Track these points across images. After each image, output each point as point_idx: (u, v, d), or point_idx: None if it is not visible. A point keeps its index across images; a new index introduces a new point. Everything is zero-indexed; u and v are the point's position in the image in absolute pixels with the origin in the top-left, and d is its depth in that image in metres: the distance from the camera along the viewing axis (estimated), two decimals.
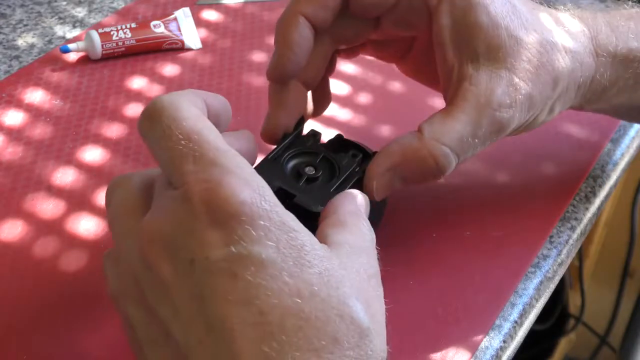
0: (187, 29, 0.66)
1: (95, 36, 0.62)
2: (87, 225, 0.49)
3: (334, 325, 0.31)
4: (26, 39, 0.66)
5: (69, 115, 0.58)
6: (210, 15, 0.69)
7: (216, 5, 0.70)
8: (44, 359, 0.42)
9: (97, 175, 0.53)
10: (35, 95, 0.59)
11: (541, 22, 0.44)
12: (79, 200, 0.51)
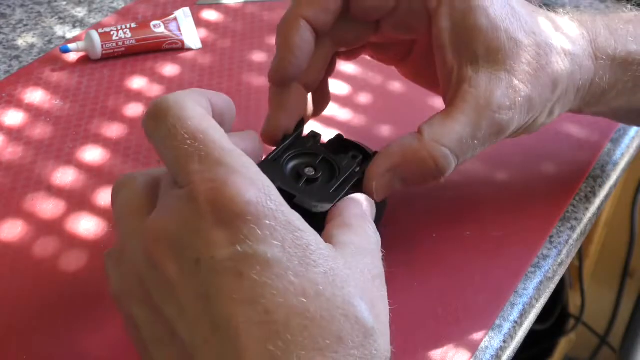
0: (187, 29, 0.66)
1: (95, 36, 0.62)
2: (87, 225, 0.49)
3: (338, 325, 0.31)
4: (26, 39, 0.66)
5: (69, 115, 0.58)
6: (210, 15, 0.69)
7: (216, 5, 0.70)
8: (44, 359, 0.42)
9: (97, 175, 0.53)
10: (35, 95, 0.59)
11: (540, 25, 0.45)
12: (79, 200, 0.51)
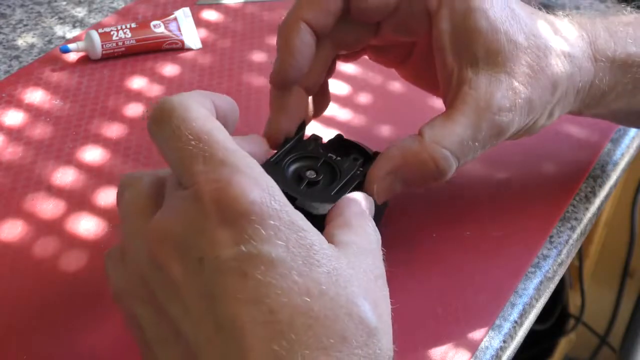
0: (187, 29, 0.66)
1: (95, 36, 0.62)
2: (87, 225, 0.49)
3: (342, 324, 0.31)
4: (26, 39, 0.66)
5: (69, 115, 0.58)
6: (210, 15, 0.69)
7: (216, 5, 0.70)
8: (43, 359, 0.42)
9: (97, 175, 0.53)
10: (35, 95, 0.59)
11: (540, 27, 0.45)
12: (79, 200, 0.51)
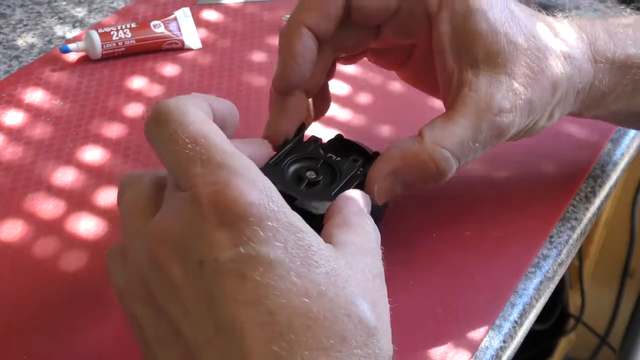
0: (187, 29, 0.66)
1: (95, 36, 0.62)
2: (87, 225, 0.49)
3: (341, 325, 0.31)
4: (26, 39, 0.66)
5: (69, 115, 0.58)
6: (210, 15, 0.69)
7: (216, 5, 0.70)
8: (44, 359, 0.42)
9: (97, 175, 0.53)
10: (35, 95, 0.59)
11: (539, 29, 0.45)
12: (79, 200, 0.51)
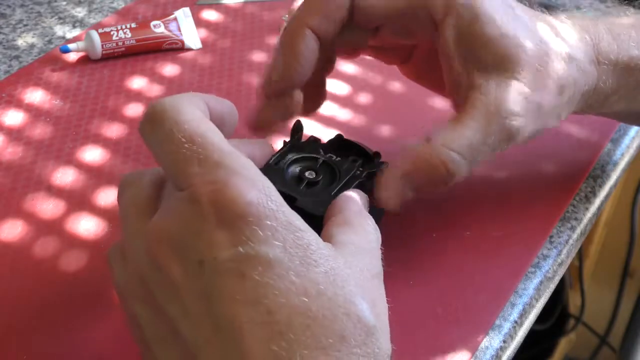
0: (187, 29, 0.66)
1: (95, 36, 0.62)
2: (87, 225, 0.49)
3: (341, 324, 0.31)
4: (26, 39, 0.66)
5: (69, 115, 0.58)
6: (210, 15, 0.69)
7: (216, 5, 0.70)
8: (43, 359, 0.42)
9: (97, 175, 0.53)
10: (35, 95, 0.59)
11: (545, 31, 0.45)
12: (79, 200, 0.51)
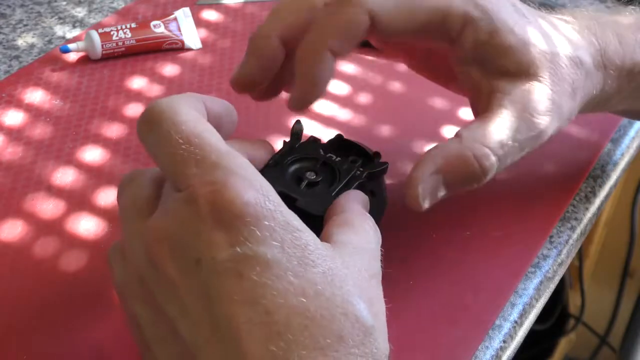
0: (187, 29, 0.66)
1: (95, 36, 0.62)
2: (87, 225, 0.49)
3: (338, 324, 0.31)
4: (26, 39, 0.66)
5: (69, 115, 0.58)
6: (210, 15, 0.69)
7: (216, 5, 0.70)
8: (43, 359, 0.42)
9: (97, 175, 0.53)
10: (35, 95, 0.59)
11: (555, 35, 0.45)
12: (79, 200, 0.51)
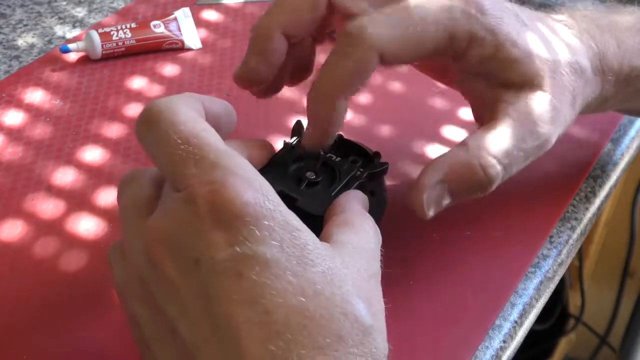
0: (187, 29, 0.66)
1: (95, 36, 0.62)
2: (87, 225, 0.49)
3: (338, 323, 0.31)
4: (26, 39, 0.66)
5: (69, 115, 0.58)
6: (210, 15, 0.69)
7: (216, 5, 0.70)
8: (43, 359, 0.42)
9: (97, 175, 0.53)
10: (35, 95, 0.59)
11: (556, 41, 0.45)
12: (79, 200, 0.51)
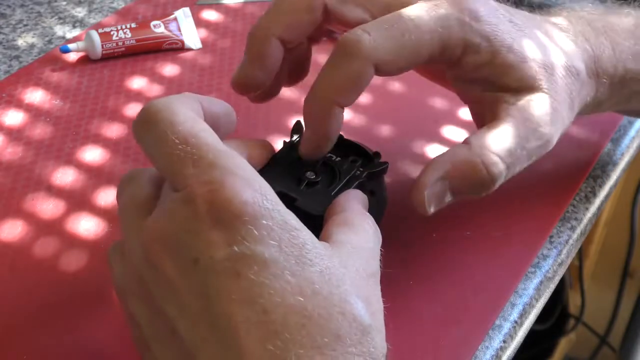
0: (187, 29, 0.66)
1: (95, 36, 0.62)
2: (87, 225, 0.49)
3: (336, 323, 0.31)
4: (26, 39, 0.66)
5: (69, 115, 0.58)
6: (210, 15, 0.69)
7: (216, 5, 0.70)
8: (43, 359, 0.42)
9: (97, 175, 0.53)
10: (35, 95, 0.59)
11: (552, 46, 0.45)
12: (79, 200, 0.51)
